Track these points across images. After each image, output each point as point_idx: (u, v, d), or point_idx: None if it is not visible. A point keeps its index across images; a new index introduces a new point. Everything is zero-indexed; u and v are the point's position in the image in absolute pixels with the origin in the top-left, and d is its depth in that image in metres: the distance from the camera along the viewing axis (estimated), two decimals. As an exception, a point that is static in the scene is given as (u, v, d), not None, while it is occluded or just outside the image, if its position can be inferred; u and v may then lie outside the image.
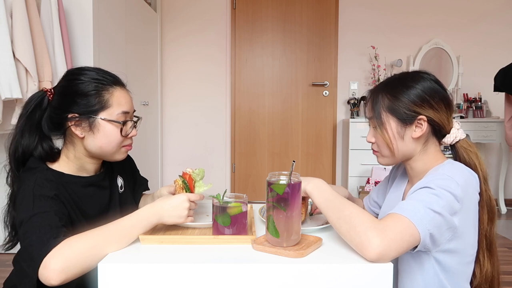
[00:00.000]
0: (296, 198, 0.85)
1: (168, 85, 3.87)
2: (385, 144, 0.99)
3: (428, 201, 0.83)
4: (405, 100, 0.96)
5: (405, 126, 0.97)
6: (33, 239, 0.82)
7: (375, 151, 1.05)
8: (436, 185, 0.85)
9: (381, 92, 1.00)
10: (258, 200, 3.68)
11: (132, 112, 1.07)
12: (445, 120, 0.97)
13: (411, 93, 0.96)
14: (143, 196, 1.31)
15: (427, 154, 0.99)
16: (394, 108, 0.97)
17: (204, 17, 3.84)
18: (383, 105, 0.99)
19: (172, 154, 3.90)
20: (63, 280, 0.78)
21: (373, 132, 1.03)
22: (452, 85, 3.90)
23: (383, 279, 0.77)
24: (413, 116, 0.96)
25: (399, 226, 0.80)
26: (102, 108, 0.99)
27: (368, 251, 0.77)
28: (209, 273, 0.77)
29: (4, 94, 1.87)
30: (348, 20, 3.85)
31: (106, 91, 1.00)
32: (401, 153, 1.00)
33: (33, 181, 0.92)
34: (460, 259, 0.91)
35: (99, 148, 1.01)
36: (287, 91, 3.87)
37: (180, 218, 0.92)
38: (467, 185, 0.88)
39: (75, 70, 1.04)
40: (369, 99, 1.03)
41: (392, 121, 0.98)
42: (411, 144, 0.98)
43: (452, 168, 0.91)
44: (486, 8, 3.86)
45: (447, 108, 0.97)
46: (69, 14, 2.32)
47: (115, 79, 1.04)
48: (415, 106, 0.95)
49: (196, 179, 1.05)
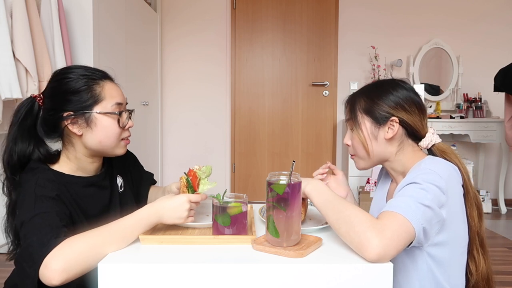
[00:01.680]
0: (296, 198, 0.85)
1: (168, 85, 3.87)
2: (361, 145, 1.04)
3: (417, 196, 0.85)
4: (380, 103, 1.02)
5: (378, 127, 1.02)
6: (34, 239, 0.82)
7: (352, 154, 1.10)
8: (422, 179, 0.88)
9: (359, 95, 1.07)
10: (258, 200, 3.68)
11: (125, 104, 1.07)
12: (418, 123, 1.02)
13: (386, 97, 1.02)
14: (152, 188, 1.32)
15: (404, 155, 1.03)
16: (370, 110, 1.03)
17: (204, 17, 3.84)
18: (359, 107, 1.05)
19: (172, 154, 3.90)
20: (64, 280, 0.78)
21: (350, 134, 1.08)
22: (452, 85, 3.90)
23: (383, 279, 0.77)
24: (386, 117, 1.01)
25: (395, 224, 0.81)
26: (95, 102, 0.99)
27: (367, 251, 0.78)
28: (209, 273, 0.77)
29: (4, 94, 1.87)
30: (348, 20, 3.85)
31: (96, 85, 1.00)
32: (376, 154, 1.04)
33: (35, 181, 0.92)
34: (451, 251, 0.92)
35: (99, 143, 1.01)
36: (287, 91, 3.87)
37: (180, 219, 0.92)
38: (450, 178, 0.91)
39: (61, 70, 1.04)
40: (348, 102, 1.09)
41: (367, 121, 1.03)
42: (384, 145, 1.02)
43: (434, 162, 0.94)
44: (486, 8, 3.86)
45: (420, 111, 1.02)
46: (69, 14, 2.32)
47: (103, 74, 1.05)
48: (389, 108, 1.01)
49: (201, 177, 1.04)
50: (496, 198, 3.72)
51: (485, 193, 3.61)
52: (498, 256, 2.54)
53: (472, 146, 3.93)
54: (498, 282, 2.13)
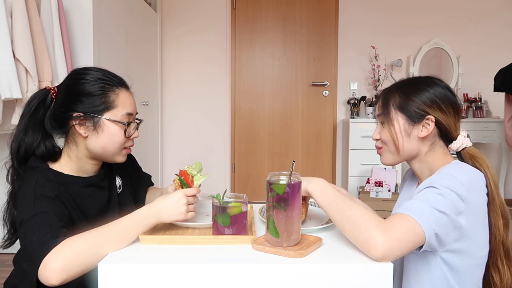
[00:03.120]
0: (296, 198, 0.85)
1: (168, 85, 3.87)
2: (391, 140, 1.01)
3: (432, 201, 0.83)
4: (416, 100, 0.99)
5: (413, 125, 0.99)
6: (33, 239, 0.82)
7: (379, 147, 1.07)
8: (440, 184, 0.86)
9: (393, 91, 1.04)
10: (258, 200, 3.68)
11: (135, 114, 1.08)
12: (452, 124, 0.99)
13: (422, 94, 0.99)
14: (150, 190, 1.32)
15: (434, 155, 1.00)
16: (404, 106, 1.00)
17: (204, 17, 3.84)
18: (393, 102, 1.02)
19: (172, 154, 3.90)
20: (63, 280, 0.78)
21: (380, 128, 1.05)
22: (452, 85, 3.90)
23: (383, 279, 0.77)
24: (422, 116, 0.98)
25: (403, 225, 0.80)
26: (107, 109, 1.00)
27: (373, 249, 0.77)
28: (209, 273, 0.77)
29: (4, 94, 1.87)
30: (348, 20, 3.85)
31: (112, 92, 1.01)
32: (406, 151, 1.01)
33: (34, 181, 0.92)
34: (469, 260, 0.90)
35: (102, 148, 1.01)
36: (287, 91, 3.87)
37: (180, 215, 0.92)
38: (472, 185, 0.88)
39: (81, 69, 1.05)
40: (381, 97, 1.06)
41: (400, 118, 1.00)
42: (417, 143, 1.00)
43: (457, 168, 0.92)
44: (486, 8, 3.86)
45: (455, 113, 0.99)
46: (69, 14, 2.32)
47: (120, 81, 1.06)
48: (425, 106, 0.98)
49: (193, 173, 1.04)
50: (496, 198, 3.71)
51: (485, 193, 3.61)
52: None
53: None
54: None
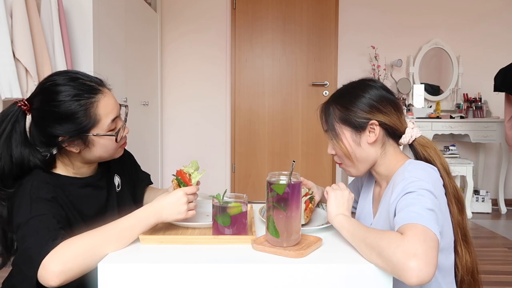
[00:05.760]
0: (296, 198, 0.85)
1: (168, 85, 3.87)
2: (343, 155, 1.03)
3: (419, 203, 0.81)
4: (355, 109, 1.00)
5: (359, 133, 1.00)
6: (31, 241, 0.82)
7: (339, 163, 1.07)
8: (413, 187, 0.85)
9: (332, 104, 1.04)
10: (258, 200, 3.67)
11: (119, 112, 1.03)
12: (396, 121, 1.00)
13: (359, 102, 1.00)
14: (149, 189, 1.31)
15: (387, 156, 1.01)
16: (346, 118, 1.01)
17: (204, 17, 3.84)
18: (335, 117, 1.03)
19: (172, 154, 3.90)
20: (63, 282, 0.78)
21: (332, 144, 1.05)
22: (452, 85, 3.90)
23: (383, 279, 0.77)
24: (365, 123, 0.99)
25: (419, 235, 0.74)
26: (92, 125, 0.95)
27: (407, 277, 0.70)
28: (209, 273, 0.77)
29: (4, 94, 1.87)
30: (348, 20, 3.85)
31: (91, 106, 0.94)
32: (361, 160, 1.02)
33: (30, 184, 0.91)
34: (444, 252, 0.92)
35: (98, 157, 1.01)
36: (287, 91, 3.87)
37: (180, 213, 0.91)
38: (433, 181, 0.90)
39: (50, 86, 0.95)
40: (322, 113, 1.07)
41: (346, 131, 1.01)
42: (369, 149, 1.01)
43: (415, 169, 0.92)
44: (486, 9, 3.86)
45: (395, 110, 1.01)
46: (69, 14, 2.31)
47: (91, 87, 0.96)
48: (365, 113, 0.99)
49: (190, 172, 1.03)
50: (496, 198, 3.72)
51: (485, 193, 3.62)
52: (498, 256, 2.54)
53: (472, 146, 3.93)
54: (498, 282, 2.13)
